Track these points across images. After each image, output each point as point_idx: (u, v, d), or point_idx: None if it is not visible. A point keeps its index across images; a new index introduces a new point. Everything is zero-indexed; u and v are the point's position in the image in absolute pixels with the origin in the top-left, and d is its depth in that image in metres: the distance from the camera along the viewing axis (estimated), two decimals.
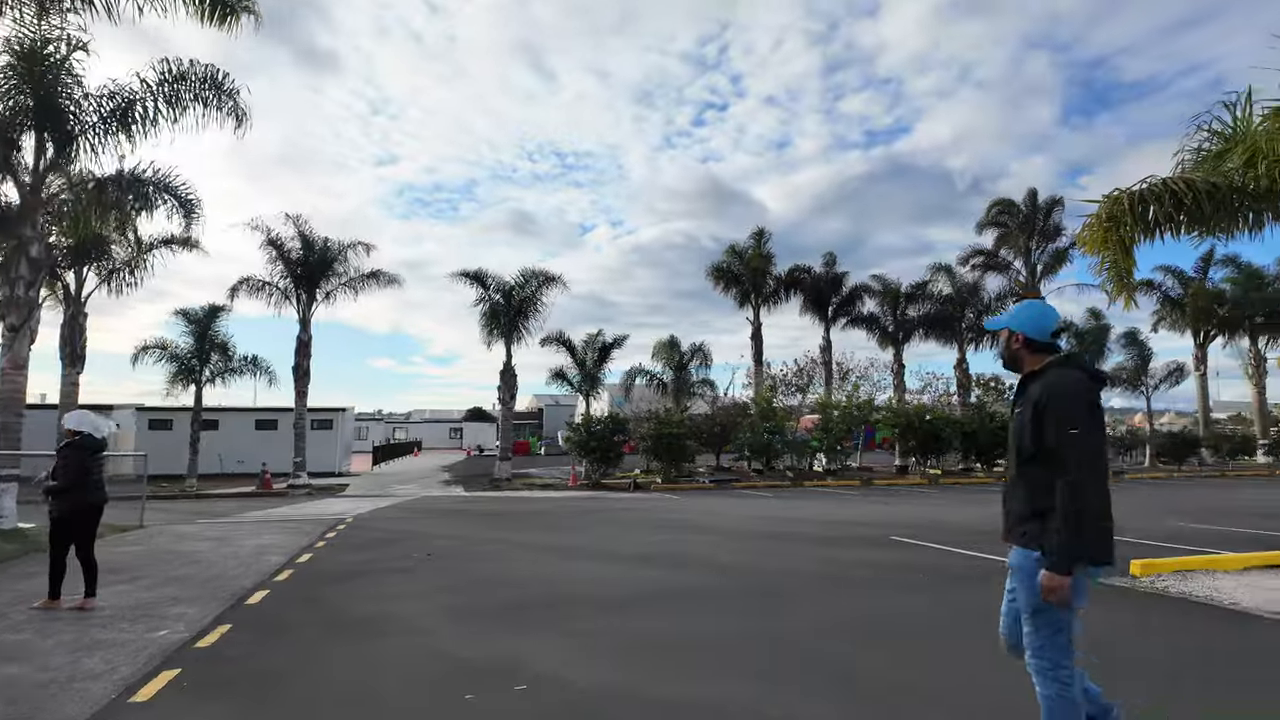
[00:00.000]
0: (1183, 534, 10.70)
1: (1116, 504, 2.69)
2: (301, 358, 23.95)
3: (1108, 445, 2.76)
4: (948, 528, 11.72)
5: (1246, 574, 7.42)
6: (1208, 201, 7.50)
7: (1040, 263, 31.22)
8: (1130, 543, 9.77)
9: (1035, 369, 2.85)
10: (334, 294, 24.81)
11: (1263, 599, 6.34)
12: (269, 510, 16.31)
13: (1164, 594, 6.70)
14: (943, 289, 30.82)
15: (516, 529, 12.51)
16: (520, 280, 25.28)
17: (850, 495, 19.93)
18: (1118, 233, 7.68)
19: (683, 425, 24.81)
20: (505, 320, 25.14)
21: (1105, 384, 2.83)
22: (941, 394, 31.71)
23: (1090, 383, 2.71)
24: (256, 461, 24.31)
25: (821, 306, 31.79)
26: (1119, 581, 7.24)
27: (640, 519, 13.98)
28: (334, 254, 24.18)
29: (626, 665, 4.75)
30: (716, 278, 32.07)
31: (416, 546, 10.14)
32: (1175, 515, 13.38)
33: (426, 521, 13.70)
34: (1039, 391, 2.73)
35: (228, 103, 12.70)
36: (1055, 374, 2.74)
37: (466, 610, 6.39)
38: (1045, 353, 2.86)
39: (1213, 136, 8.34)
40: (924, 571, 7.96)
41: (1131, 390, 32.36)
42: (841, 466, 27.14)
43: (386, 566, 8.63)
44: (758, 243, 31.67)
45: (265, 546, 10.28)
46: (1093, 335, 31.40)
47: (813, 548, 9.95)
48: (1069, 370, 2.75)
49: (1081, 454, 2.56)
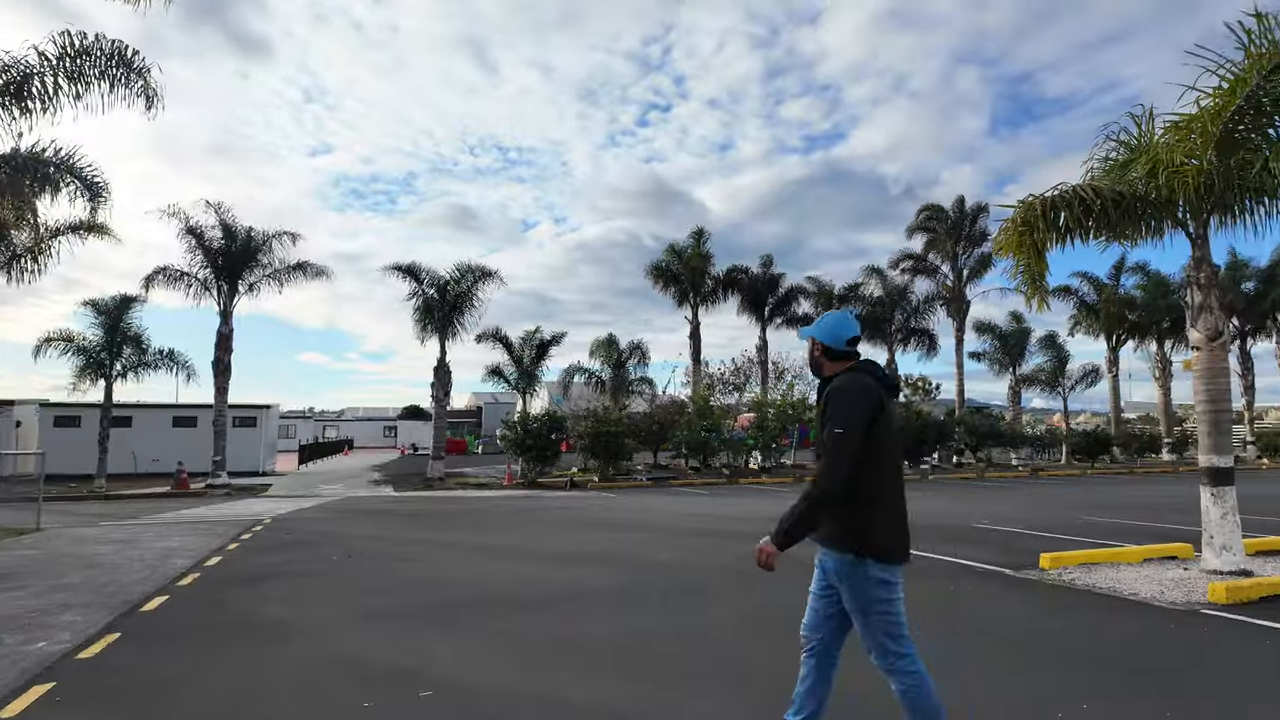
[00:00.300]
0: (1091, 528, 11.18)
1: (1036, 500, 2.81)
2: (222, 352, 22.93)
3: (895, 449, 2.87)
4: None
5: (1146, 565, 7.78)
6: (1114, 208, 7.82)
7: (966, 267, 32.34)
8: (1043, 536, 10.16)
9: (832, 375, 2.96)
10: (258, 285, 23.81)
11: (1158, 589, 6.65)
12: (182, 511, 15.54)
13: (1070, 586, 6.96)
14: (874, 291, 31.63)
15: (444, 529, 12.22)
16: (455, 275, 24.79)
17: (784, 492, 20.21)
18: (1031, 237, 7.94)
19: (620, 423, 24.74)
20: (439, 316, 24.61)
21: (897, 390, 3.00)
22: None
23: (876, 387, 2.84)
24: (174, 460, 23.15)
25: (758, 307, 32.23)
26: (1029, 574, 7.50)
27: (574, 518, 13.85)
28: (258, 244, 23.21)
29: (540, 668, 4.63)
30: (656, 276, 32.15)
31: (336, 548, 9.79)
32: (1086, 510, 14.00)
33: (350, 522, 13.26)
34: (827, 394, 2.90)
35: (137, 82, 11.98)
36: (842, 379, 2.88)
37: (380, 612, 6.16)
38: (843, 360, 2.98)
39: (1120, 147, 8.71)
40: None
41: (1050, 391, 33.83)
42: (776, 464, 27.55)
43: (301, 569, 8.29)
44: (697, 242, 31.86)
45: (172, 550, 9.76)
46: (1014, 338, 32.69)
47: (742, 544, 10.00)
48: (857, 375, 2.88)
49: (839, 451, 2.68)
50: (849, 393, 2.78)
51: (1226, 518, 7.24)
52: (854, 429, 2.70)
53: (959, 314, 32.42)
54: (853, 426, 2.70)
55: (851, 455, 2.68)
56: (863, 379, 2.84)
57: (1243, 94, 7.10)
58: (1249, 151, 7.38)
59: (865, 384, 2.81)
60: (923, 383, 38.10)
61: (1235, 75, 7.19)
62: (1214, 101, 7.37)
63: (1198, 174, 7.45)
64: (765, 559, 2.78)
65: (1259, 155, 7.30)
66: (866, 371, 2.90)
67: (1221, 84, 7.30)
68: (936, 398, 39.00)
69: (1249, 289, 35.00)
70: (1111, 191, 7.83)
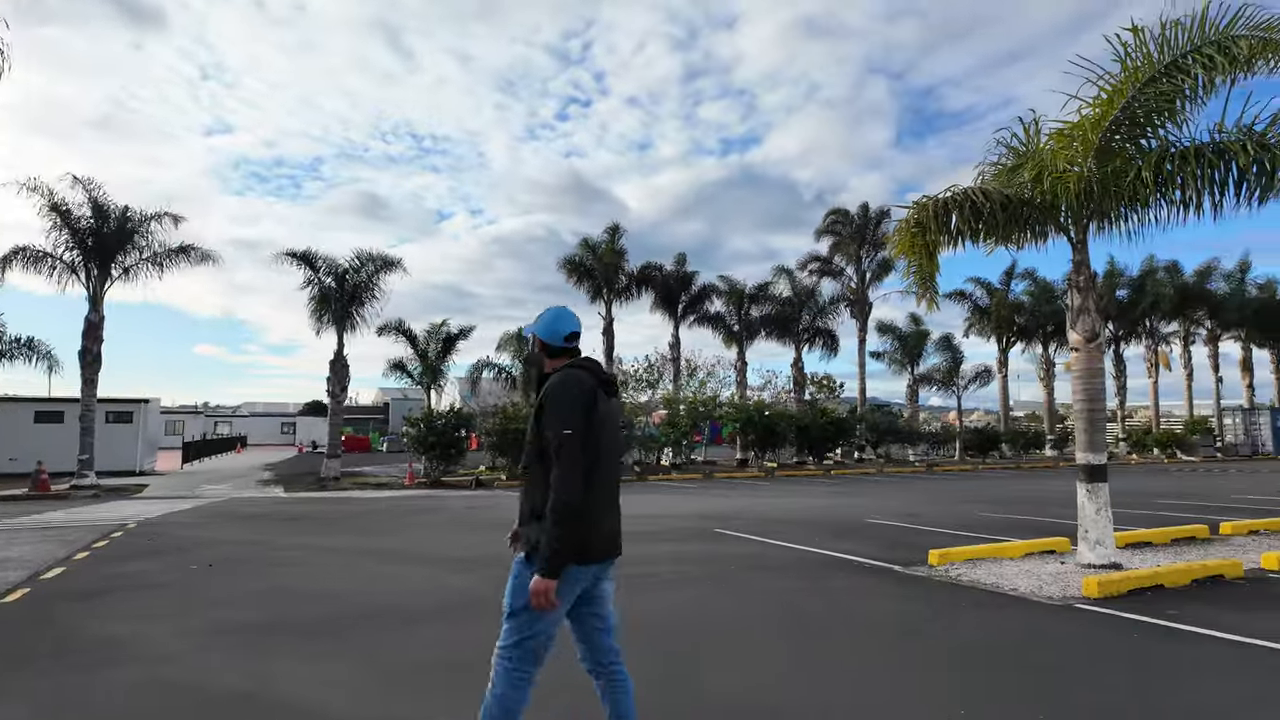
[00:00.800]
0: (980, 523, 11.57)
1: (930, 495, 2.65)
2: (90, 341, 20.99)
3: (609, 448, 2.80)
4: (771, 519, 12.01)
5: (1027, 560, 8.01)
6: (1001, 212, 8.02)
7: (869, 270, 33.40)
8: (934, 531, 10.41)
9: (550, 372, 2.90)
10: (135, 270, 21.99)
11: (1036, 584, 6.82)
12: (36, 516, 14.06)
13: (955, 582, 7.06)
14: (783, 291, 32.26)
15: (330, 532, 11.48)
16: (355, 263, 23.62)
17: (691, 489, 20.22)
18: (924, 238, 8.05)
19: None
20: (337, 306, 23.39)
21: (615, 389, 2.92)
22: (780, 391, 33.17)
23: (593, 384, 2.76)
24: (35, 459, 21.08)
25: (671, 304, 32.31)
26: (918, 571, 7.58)
27: (474, 519, 13.32)
28: (135, 224, 21.39)
29: (396, 692, 4.23)
30: (569, 271, 31.70)
31: (201, 555, 8.97)
32: (976, 504, 14.54)
33: (226, 526, 12.29)
34: (543, 394, 2.78)
35: None
36: (556, 377, 2.80)
37: (234, 628, 5.58)
38: (562, 356, 2.95)
39: (1010, 153, 8.97)
40: (730, 565, 7.98)
41: (945, 389, 35.41)
42: (687, 460, 27.65)
43: (155, 580, 7.51)
44: (611, 238, 31.60)
45: (7, 561, 8.70)
46: (913, 339, 34.02)
47: (635, 544, 9.79)
48: (572, 372, 2.81)
49: (571, 454, 2.61)
50: (565, 391, 2.70)
51: (1100, 513, 7.52)
52: (579, 426, 2.63)
53: (862, 315, 33.46)
54: (577, 424, 2.62)
55: (581, 454, 2.61)
56: (577, 375, 2.77)
57: (1120, 105, 7.38)
58: (1124, 161, 7.69)
59: (579, 380, 2.75)
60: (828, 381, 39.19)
61: (1113, 86, 7.48)
62: (1094, 111, 7.65)
63: (1078, 180, 7.71)
64: (543, 598, 2.60)
65: (1133, 165, 7.61)
66: (583, 368, 2.83)
67: (1101, 94, 7.58)
68: (840, 395, 40.21)
69: (1122, 296, 37.73)
70: (1000, 195, 8.02)
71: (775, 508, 14.44)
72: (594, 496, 2.67)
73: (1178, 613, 5.78)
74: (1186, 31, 7.03)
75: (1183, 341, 41.07)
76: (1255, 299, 38.97)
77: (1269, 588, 6.85)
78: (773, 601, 6.38)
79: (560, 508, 2.58)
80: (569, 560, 2.61)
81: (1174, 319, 39.37)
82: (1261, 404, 40.76)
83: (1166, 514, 12.30)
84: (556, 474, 2.60)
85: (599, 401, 2.75)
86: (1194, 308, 38.48)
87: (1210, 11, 6.91)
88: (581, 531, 2.63)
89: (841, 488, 19.96)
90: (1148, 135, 7.73)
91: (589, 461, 2.65)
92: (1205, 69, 6.94)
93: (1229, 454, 36.78)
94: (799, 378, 32.99)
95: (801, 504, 15.07)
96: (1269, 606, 6.16)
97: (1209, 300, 38.28)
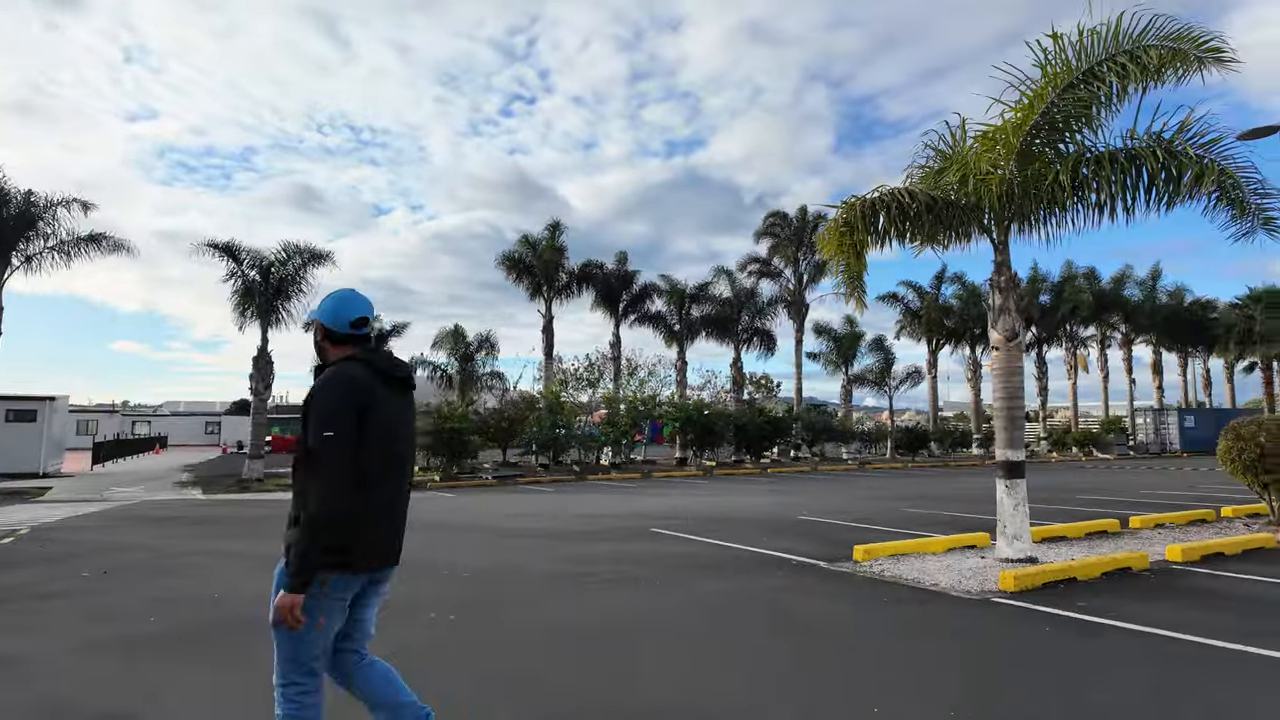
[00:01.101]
0: (906, 519, 11.78)
1: (861, 493, 2.56)
2: None
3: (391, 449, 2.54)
4: (707, 518, 11.98)
5: (948, 555, 8.14)
6: (927, 212, 8.14)
7: (806, 272, 33.95)
8: (863, 528, 10.53)
9: (333, 362, 2.63)
10: (39, 259, 20.69)
11: (956, 579, 6.91)
12: None
13: (879, 578, 7.11)
14: (723, 292, 32.54)
15: (237, 537, 10.91)
16: (281, 256, 22.67)
17: (629, 488, 20.10)
18: (851, 238, 8.11)
19: (465, 419, 23.68)
20: (262, 300, 22.41)
21: (408, 384, 2.65)
22: (719, 390, 33.38)
23: (370, 379, 2.53)
24: None
25: (612, 303, 32.18)
26: (844, 567, 7.62)
27: None
28: (39, 211, 20.11)
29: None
30: (509, 267, 31.26)
31: (100, 562, 8.37)
32: (904, 501, 14.84)
33: (129, 530, 11.56)
34: (310, 390, 2.57)
35: None
36: (332, 370, 2.53)
37: (118, 641, 5.17)
38: (347, 345, 2.63)
39: (936, 155, 9.11)
40: (665, 564, 7.87)
41: (878, 390, 36.25)
42: (627, 460, 27.53)
43: (40, 590, 6.95)
44: (552, 235, 31.27)
45: None
46: (847, 340, 34.71)
47: (567, 544, 9.60)
48: (345, 366, 2.54)
49: (329, 459, 2.37)
50: (330, 388, 2.43)
51: (1018, 508, 7.69)
52: (342, 427, 2.36)
53: (799, 316, 33.99)
54: (339, 425, 2.35)
55: (342, 459, 2.36)
56: (351, 370, 2.49)
57: (1040, 110, 7.56)
58: (1044, 164, 7.88)
59: (351, 375, 2.47)
60: (766, 381, 39.71)
61: (1034, 92, 7.65)
62: (1016, 116, 7.81)
63: (1001, 183, 7.88)
64: (288, 614, 2.36)
65: (1052, 169, 7.81)
66: (364, 361, 2.55)
67: (1023, 99, 7.75)
68: (778, 395, 40.80)
69: (1045, 301, 39.38)
70: (925, 196, 8.13)
71: (712, 506, 14.43)
72: (365, 503, 2.42)
73: (1086, 604, 5.92)
74: (1102, 40, 7.24)
75: (1100, 345, 43.21)
76: (1165, 306, 41.33)
77: (1171, 579, 7.11)
78: (703, 601, 6.29)
79: (313, 517, 2.32)
80: (319, 572, 2.36)
81: (1092, 324, 41.35)
82: (1170, 405, 43.17)
83: (1082, 509, 12.76)
84: (315, 479, 2.35)
85: (378, 399, 2.48)
86: (1110, 313, 40.57)
87: (1124, 21, 7.13)
88: (342, 541, 2.37)
89: (777, 486, 20.15)
90: (1066, 140, 7.94)
91: (363, 465, 2.40)
92: (1119, 77, 7.16)
93: (1140, 452, 38.73)
94: (738, 377, 33.28)
95: (738, 502, 15.11)
96: (1169, 596, 6.38)
97: (1123, 306, 40.40)
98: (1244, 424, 10.50)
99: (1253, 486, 10.52)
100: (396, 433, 2.55)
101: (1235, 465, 10.38)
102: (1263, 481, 10.20)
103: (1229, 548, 8.40)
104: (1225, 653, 4.69)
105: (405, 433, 2.63)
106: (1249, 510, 11.47)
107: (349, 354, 2.59)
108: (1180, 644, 4.89)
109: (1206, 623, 5.34)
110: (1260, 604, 6.15)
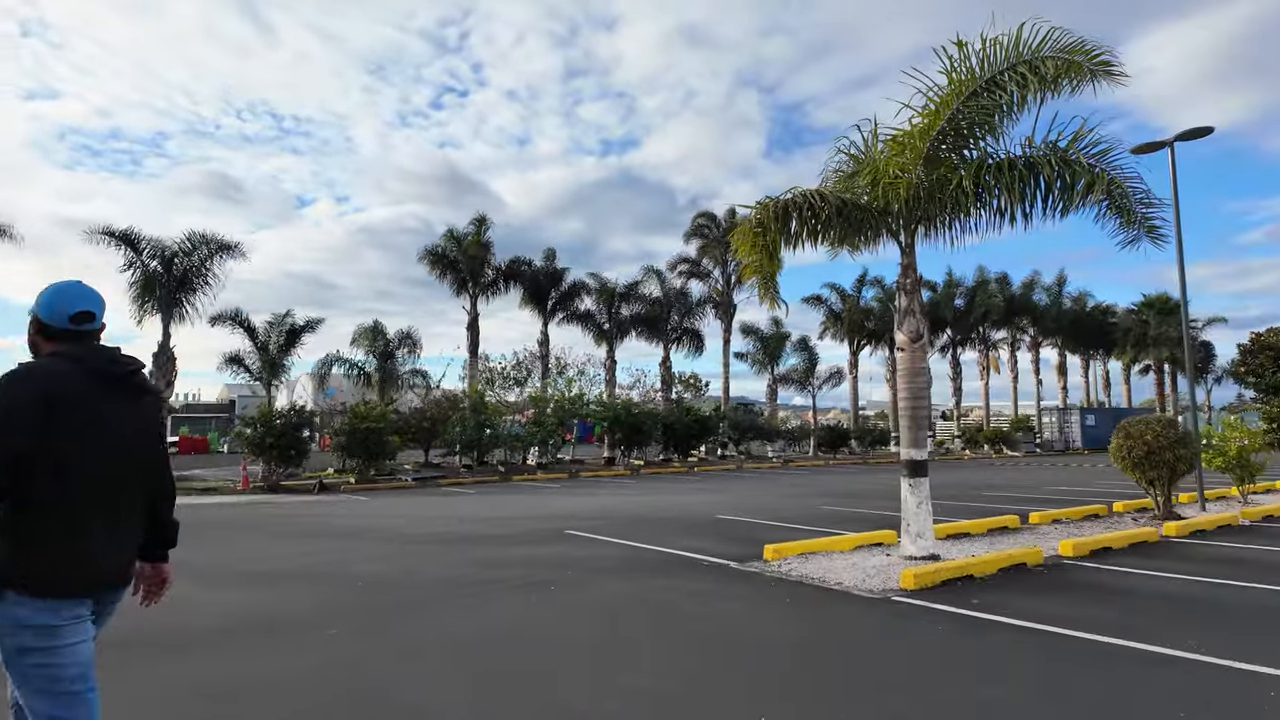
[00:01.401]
0: (822, 516, 11.93)
1: (783, 490, 2.51)
2: None
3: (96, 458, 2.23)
4: (628, 518, 11.86)
5: (855, 553, 8.24)
6: (838, 215, 8.21)
7: (734, 273, 34.26)
8: (778, 526, 10.60)
9: None
10: None
11: (860, 578, 6.97)
12: None
13: (785, 577, 7.11)
14: (653, 291, 32.60)
15: None
16: (185, 246, 21.47)
17: (554, 488, 19.83)
18: (764, 238, 8.11)
19: (384, 419, 22.89)
20: (163, 292, 21.17)
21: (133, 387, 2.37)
22: (649, 389, 33.45)
23: (66, 375, 2.20)
24: None
25: (541, 301, 31.75)
26: (752, 567, 7.60)
27: (305, 527, 12.28)
28: None
29: None
30: (432, 262, 30.42)
31: None
32: (822, 498, 15.08)
33: None
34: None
35: None
36: (25, 366, 2.27)
37: None
38: (65, 340, 2.32)
39: (849, 159, 9.22)
40: (576, 568, 7.70)
41: (803, 389, 37.05)
42: (554, 460, 27.21)
43: None
44: (478, 229, 30.60)
45: None
46: (773, 340, 35.33)
47: (478, 549, 9.31)
48: (42, 363, 2.29)
49: None
50: (8, 383, 2.14)
51: (921, 506, 7.83)
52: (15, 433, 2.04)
53: (727, 316, 34.34)
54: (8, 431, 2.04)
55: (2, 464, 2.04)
56: (38, 368, 2.22)
57: (946, 116, 7.71)
58: (949, 169, 8.06)
59: (36, 374, 2.18)
60: (694, 380, 40.03)
61: (941, 98, 7.80)
62: (923, 121, 7.94)
63: (908, 187, 8.00)
64: None
65: (956, 174, 7.99)
66: (68, 357, 2.24)
67: (929, 105, 7.89)
68: (705, 394, 41.20)
69: (959, 305, 40.98)
70: (836, 199, 8.20)
71: (635, 506, 14.33)
72: (51, 522, 2.14)
73: (980, 601, 6.05)
74: (1005, 49, 7.42)
75: (1010, 348, 45.32)
76: (1070, 310, 43.73)
77: (1063, 574, 7.36)
78: (606, 605, 6.13)
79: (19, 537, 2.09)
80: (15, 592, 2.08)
81: (1003, 327, 43.33)
82: (1073, 405, 45.63)
83: (988, 505, 13.21)
84: None
85: (76, 403, 2.17)
86: (1020, 317, 42.61)
87: (1024, 32, 7.34)
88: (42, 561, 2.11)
89: (702, 484, 20.24)
90: (970, 146, 8.14)
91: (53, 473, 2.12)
92: (1019, 86, 7.36)
93: (1046, 449, 40.78)
94: (667, 377, 33.41)
95: (661, 501, 15.06)
96: (1059, 591, 6.60)
97: (1032, 311, 42.49)
98: (1133, 423, 11.06)
99: (1140, 482, 11.09)
100: (103, 442, 2.21)
101: (1125, 462, 10.91)
102: (1149, 478, 10.77)
103: (1117, 542, 8.79)
104: (1106, 647, 4.82)
105: (121, 442, 2.27)
106: (1138, 505, 12.09)
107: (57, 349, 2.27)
108: (1064, 639, 5.01)
109: (1091, 618, 5.51)
110: (1138, 597, 6.41)
